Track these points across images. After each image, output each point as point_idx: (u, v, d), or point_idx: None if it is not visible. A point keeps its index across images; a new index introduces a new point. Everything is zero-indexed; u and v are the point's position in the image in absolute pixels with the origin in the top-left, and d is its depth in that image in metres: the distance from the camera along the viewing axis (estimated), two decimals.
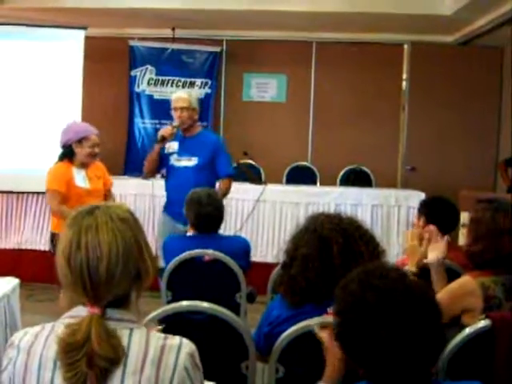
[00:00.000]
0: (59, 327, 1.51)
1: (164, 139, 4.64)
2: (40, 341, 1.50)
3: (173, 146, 4.72)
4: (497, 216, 2.50)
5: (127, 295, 1.56)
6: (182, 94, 4.83)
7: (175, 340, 1.54)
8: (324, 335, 1.98)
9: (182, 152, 4.69)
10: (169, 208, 4.73)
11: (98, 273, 1.48)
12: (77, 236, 1.50)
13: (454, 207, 3.49)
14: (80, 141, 4.33)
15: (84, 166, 4.40)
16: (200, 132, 4.88)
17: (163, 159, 4.75)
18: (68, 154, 4.37)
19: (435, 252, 2.79)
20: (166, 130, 4.67)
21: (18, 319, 3.40)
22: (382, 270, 1.51)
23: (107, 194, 4.62)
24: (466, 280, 2.46)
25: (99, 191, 4.46)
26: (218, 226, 3.68)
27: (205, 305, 2.36)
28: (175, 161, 4.69)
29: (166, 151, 4.73)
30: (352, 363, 1.52)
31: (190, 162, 4.66)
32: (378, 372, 1.45)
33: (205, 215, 3.58)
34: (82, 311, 1.51)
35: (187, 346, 1.54)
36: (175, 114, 4.71)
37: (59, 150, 6.26)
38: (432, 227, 3.00)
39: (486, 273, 2.44)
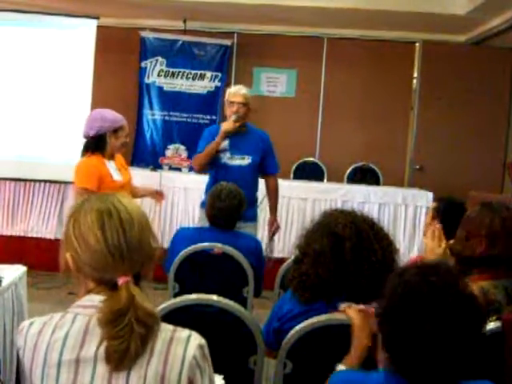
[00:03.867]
0: (69, 316, 1.51)
1: (228, 134, 4.49)
2: (48, 329, 1.51)
3: (223, 143, 4.53)
4: (479, 216, 2.49)
5: (138, 278, 1.57)
6: (241, 90, 4.65)
7: (184, 332, 1.53)
8: (356, 317, 1.99)
9: (234, 150, 4.53)
10: None
11: (132, 236, 1.52)
12: (105, 207, 1.53)
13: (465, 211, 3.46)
14: (116, 131, 3.94)
15: (112, 157, 4.03)
16: (248, 129, 4.69)
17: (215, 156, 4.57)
18: (101, 145, 3.92)
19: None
20: (230, 125, 4.49)
21: (25, 307, 3.41)
22: (441, 269, 1.50)
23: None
24: None
25: (129, 183, 4.19)
26: (232, 225, 3.64)
27: (214, 298, 2.36)
28: (228, 159, 4.52)
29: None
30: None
31: (244, 160, 4.53)
32: (409, 364, 1.44)
33: (218, 210, 3.55)
34: (95, 300, 1.51)
35: (197, 338, 1.54)
36: (231, 108, 4.54)
37: (68, 139, 6.33)
38: (438, 225, 2.96)
39: (486, 276, 2.42)
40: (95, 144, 3.93)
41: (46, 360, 1.47)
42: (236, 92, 4.63)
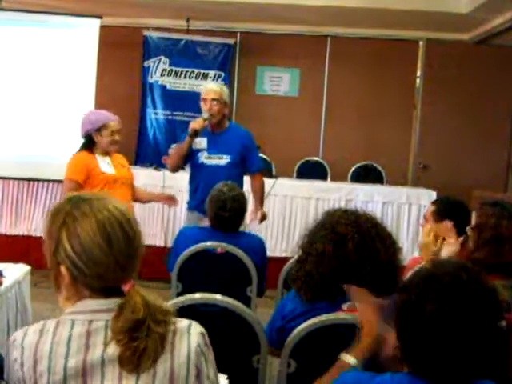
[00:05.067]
0: (66, 322, 1.47)
1: (196, 133, 4.43)
2: (47, 335, 1.45)
3: (201, 142, 4.51)
4: (501, 222, 2.48)
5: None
6: (214, 86, 4.61)
7: (184, 322, 1.54)
8: (365, 310, 1.98)
9: (212, 149, 4.49)
10: (199, 206, 4.40)
11: (135, 241, 1.50)
12: (103, 216, 1.48)
13: (467, 210, 3.46)
14: (99, 129, 4.17)
15: (107, 153, 4.25)
16: (228, 127, 4.65)
17: (190, 155, 4.55)
18: (88, 144, 4.23)
19: (450, 247, 2.76)
20: (197, 123, 4.44)
21: (29, 305, 3.42)
22: (465, 265, 1.49)
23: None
24: None
25: (127, 178, 4.31)
26: (237, 228, 3.64)
27: (218, 297, 2.36)
28: (205, 159, 4.49)
29: (193, 147, 4.52)
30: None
31: (222, 160, 4.47)
32: (425, 361, 1.43)
33: (224, 220, 3.53)
34: (90, 305, 1.48)
35: (196, 326, 1.55)
36: (205, 106, 4.49)
37: (72, 138, 6.31)
38: (449, 223, 2.97)
39: (495, 277, 2.41)
40: (86, 143, 4.27)
41: (51, 367, 1.42)
42: (209, 89, 4.58)
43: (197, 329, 1.53)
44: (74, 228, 1.46)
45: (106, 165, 4.21)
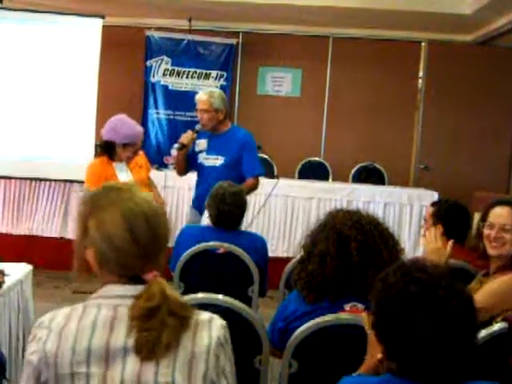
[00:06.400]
0: (92, 307, 1.50)
1: (184, 146, 4.52)
2: (74, 318, 1.48)
3: (202, 143, 4.59)
4: None
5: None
6: (202, 96, 4.58)
7: (205, 314, 1.55)
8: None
9: (209, 151, 4.57)
10: (196, 203, 4.61)
11: (159, 233, 1.53)
12: (128, 206, 1.51)
13: (468, 217, 3.45)
14: (125, 145, 4.20)
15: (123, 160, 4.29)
16: (229, 130, 4.66)
17: (194, 157, 4.64)
18: (109, 150, 4.22)
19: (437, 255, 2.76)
20: (186, 137, 4.52)
21: (31, 305, 3.42)
22: (424, 265, 1.48)
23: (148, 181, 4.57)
24: (510, 278, 2.45)
25: (142, 181, 4.33)
26: (238, 224, 3.65)
27: (220, 297, 2.36)
28: (204, 159, 4.58)
29: (196, 149, 4.62)
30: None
31: (217, 161, 4.52)
32: (409, 364, 1.42)
33: (225, 214, 3.54)
34: (115, 291, 1.51)
35: (218, 319, 1.56)
36: (198, 116, 4.60)
37: (73, 138, 6.34)
38: (440, 228, 2.97)
39: None
40: (105, 148, 4.24)
41: (75, 347, 1.45)
42: (197, 99, 4.60)
43: (218, 321, 1.55)
44: (100, 216, 1.51)
45: (123, 172, 4.22)
